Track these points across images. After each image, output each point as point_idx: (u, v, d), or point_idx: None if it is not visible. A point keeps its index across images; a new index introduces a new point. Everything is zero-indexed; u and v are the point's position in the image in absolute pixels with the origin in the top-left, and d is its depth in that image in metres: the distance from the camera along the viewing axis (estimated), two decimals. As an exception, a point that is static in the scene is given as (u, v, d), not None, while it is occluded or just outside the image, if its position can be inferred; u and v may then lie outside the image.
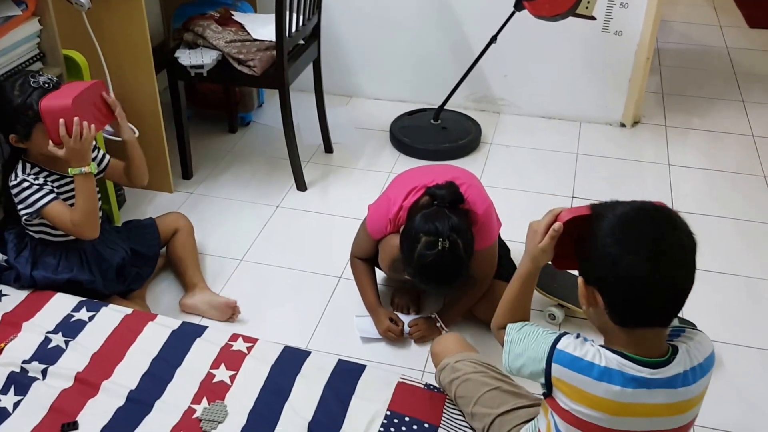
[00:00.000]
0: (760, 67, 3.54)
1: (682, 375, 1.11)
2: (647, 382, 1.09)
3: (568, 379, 1.14)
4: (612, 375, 1.10)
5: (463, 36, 2.90)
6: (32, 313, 1.72)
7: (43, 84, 1.67)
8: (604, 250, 1.07)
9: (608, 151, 2.80)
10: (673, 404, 1.11)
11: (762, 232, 2.35)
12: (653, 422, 1.12)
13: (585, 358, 1.12)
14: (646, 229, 1.07)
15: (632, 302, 1.07)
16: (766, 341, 1.91)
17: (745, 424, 1.67)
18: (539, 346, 1.19)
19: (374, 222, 1.83)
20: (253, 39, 2.35)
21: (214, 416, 1.48)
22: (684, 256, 1.06)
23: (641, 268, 1.04)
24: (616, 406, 1.10)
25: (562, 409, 1.17)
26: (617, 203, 1.13)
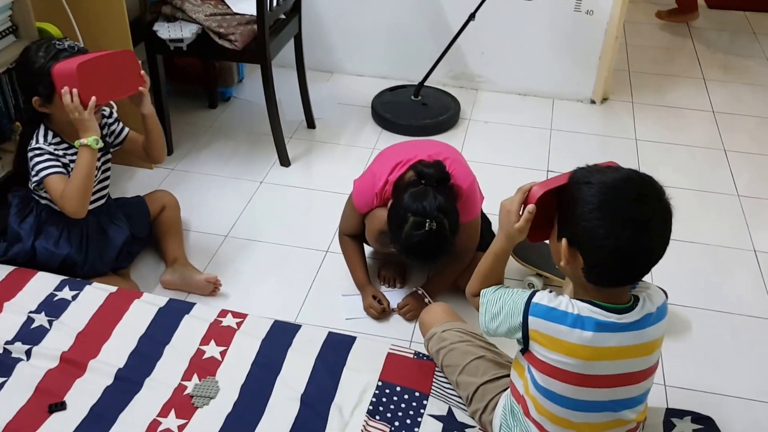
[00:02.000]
0: (719, 46, 3.54)
1: (644, 318, 1.14)
2: (616, 326, 1.12)
3: (545, 330, 1.14)
4: (584, 322, 1.11)
5: (441, 14, 2.82)
6: (13, 293, 1.61)
7: (69, 48, 1.58)
8: (591, 220, 1.06)
9: (579, 126, 2.77)
10: (638, 346, 1.14)
11: (723, 202, 2.35)
12: (622, 365, 1.15)
13: (559, 308, 1.13)
14: (634, 201, 1.06)
15: (611, 268, 1.09)
16: (728, 305, 1.92)
17: (712, 384, 1.68)
18: (515, 303, 1.19)
19: (360, 196, 1.76)
20: (233, 13, 2.22)
21: (205, 392, 1.42)
22: (665, 228, 1.08)
23: (627, 239, 1.05)
24: (590, 351, 1.12)
25: (539, 360, 1.16)
26: (603, 170, 1.11)
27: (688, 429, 1.39)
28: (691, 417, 1.41)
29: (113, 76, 1.63)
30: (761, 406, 1.62)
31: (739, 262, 2.08)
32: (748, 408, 1.61)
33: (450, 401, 1.43)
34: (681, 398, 1.62)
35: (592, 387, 1.15)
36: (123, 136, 1.82)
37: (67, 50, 1.58)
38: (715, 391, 1.64)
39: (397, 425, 1.36)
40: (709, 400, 1.61)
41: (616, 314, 1.12)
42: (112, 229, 1.79)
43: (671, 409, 1.44)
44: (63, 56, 1.56)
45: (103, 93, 1.59)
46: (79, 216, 1.64)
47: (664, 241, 1.08)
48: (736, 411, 1.60)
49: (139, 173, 2.34)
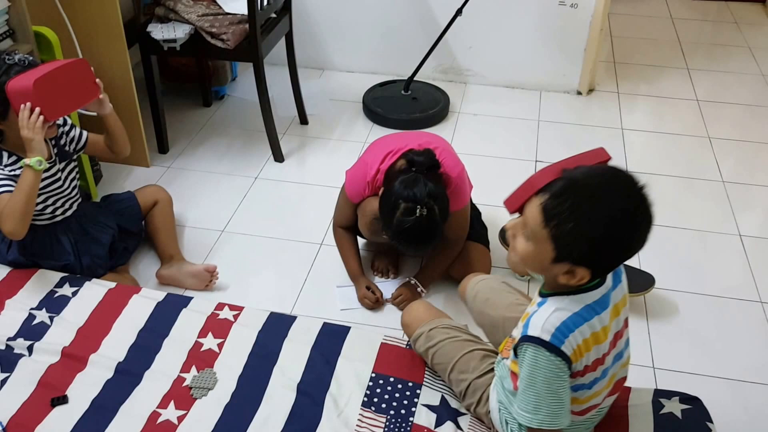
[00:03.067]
0: (702, 36, 3.54)
1: (614, 278, 1.16)
2: (605, 298, 1.13)
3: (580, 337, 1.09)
4: (590, 310, 1.11)
5: (429, 9, 2.82)
6: (14, 291, 1.60)
7: (19, 61, 1.51)
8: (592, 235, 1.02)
9: (567, 117, 2.77)
10: (623, 296, 1.18)
11: (707, 188, 2.36)
12: (620, 319, 1.17)
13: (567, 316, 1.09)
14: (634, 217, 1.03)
15: (611, 266, 1.10)
16: (715, 288, 1.93)
17: (699, 365, 1.69)
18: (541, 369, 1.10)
19: (352, 185, 1.77)
20: (225, 13, 2.21)
21: (204, 383, 1.42)
22: (651, 223, 1.05)
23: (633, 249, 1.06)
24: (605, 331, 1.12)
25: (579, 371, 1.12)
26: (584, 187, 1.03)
27: (676, 409, 1.39)
28: (679, 397, 1.41)
29: (69, 87, 1.55)
30: (747, 386, 1.63)
31: (724, 246, 2.09)
32: (734, 388, 1.63)
33: (443, 390, 1.43)
34: (669, 380, 1.63)
35: (606, 356, 1.15)
36: (83, 141, 1.76)
37: (18, 64, 1.49)
38: (703, 373, 1.66)
39: (392, 414, 1.36)
40: (696, 381, 1.63)
41: (599, 288, 1.12)
42: (95, 228, 1.77)
43: (659, 390, 1.44)
44: (14, 71, 1.48)
45: (61, 106, 1.53)
46: (16, 237, 1.54)
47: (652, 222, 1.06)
48: (723, 391, 1.61)
49: (135, 171, 2.33)
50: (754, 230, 2.15)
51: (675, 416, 1.37)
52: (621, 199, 1.03)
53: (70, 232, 1.72)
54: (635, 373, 1.64)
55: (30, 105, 1.47)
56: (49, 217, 1.69)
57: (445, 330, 1.44)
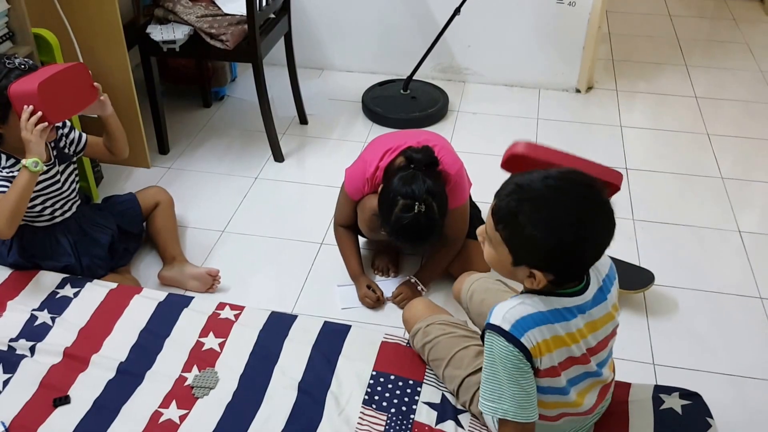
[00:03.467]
0: (700, 33, 3.54)
1: (601, 288, 1.16)
2: (578, 308, 1.13)
3: (540, 336, 1.10)
4: (558, 314, 1.11)
5: (427, 9, 2.82)
6: (16, 292, 1.61)
7: (19, 66, 1.51)
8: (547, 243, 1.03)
9: (565, 115, 2.77)
10: (605, 315, 1.17)
11: (706, 185, 2.36)
12: (599, 335, 1.17)
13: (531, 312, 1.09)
14: (586, 216, 1.03)
15: (576, 269, 1.09)
16: (714, 284, 1.93)
17: (699, 362, 1.69)
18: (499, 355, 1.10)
19: (352, 182, 1.77)
20: (224, 13, 2.22)
21: (205, 383, 1.42)
22: (611, 221, 1.05)
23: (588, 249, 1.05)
24: (572, 337, 1.13)
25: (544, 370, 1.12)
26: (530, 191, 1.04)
27: (676, 405, 1.39)
28: (679, 393, 1.42)
29: (70, 90, 1.56)
30: (747, 381, 1.63)
31: (724, 243, 2.09)
32: (734, 384, 1.63)
33: (444, 388, 1.43)
34: (669, 376, 1.63)
35: (579, 364, 1.17)
36: (83, 143, 1.76)
37: (18, 68, 1.50)
38: (703, 369, 1.66)
39: (393, 412, 1.36)
40: (696, 377, 1.63)
41: (577, 296, 1.12)
42: (94, 230, 1.77)
43: (659, 386, 1.45)
44: (14, 75, 1.49)
45: (64, 109, 1.54)
46: (4, 236, 1.53)
47: (612, 231, 1.06)
48: (722, 387, 1.61)
49: (136, 172, 2.33)
50: (754, 227, 2.15)
51: (675, 412, 1.37)
52: (570, 204, 1.02)
53: (69, 233, 1.72)
54: (635, 369, 1.65)
55: (32, 108, 1.47)
56: (48, 218, 1.70)
57: (441, 326, 1.45)
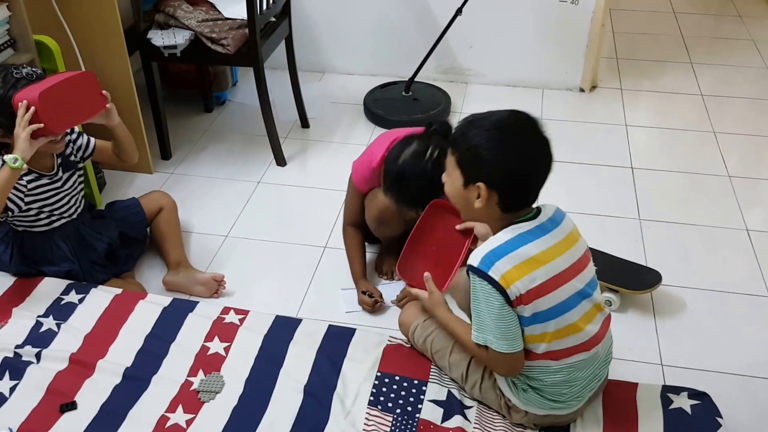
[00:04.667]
0: (705, 30, 3.55)
1: (552, 217, 1.29)
2: (539, 228, 1.25)
3: (511, 263, 1.21)
4: (521, 238, 1.23)
5: (428, 9, 2.84)
6: (21, 299, 1.63)
7: (27, 75, 1.54)
8: (498, 158, 1.19)
9: (570, 115, 2.79)
10: (567, 238, 1.28)
11: (713, 184, 2.37)
12: (568, 255, 1.27)
13: (501, 243, 1.23)
14: (528, 134, 1.22)
15: (522, 192, 1.24)
16: (722, 284, 1.93)
17: (707, 361, 1.69)
18: (480, 293, 1.24)
19: (358, 173, 1.80)
20: (224, 18, 2.24)
21: (211, 387, 1.44)
22: (550, 150, 1.22)
23: (526, 167, 1.21)
24: (546, 254, 1.24)
25: (523, 295, 1.21)
26: (481, 116, 1.24)
27: (685, 404, 1.41)
28: (687, 393, 1.43)
29: (76, 99, 1.58)
30: (756, 381, 1.64)
31: (731, 242, 2.09)
32: (743, 383, 1.63)
33: (449, 385, 1.45)
34: (677, 376, 1.64)
35: (564, 283, 1.25)
36: (91, 148, 1.79)
37: (25, 78, 1.53)
38: (711, 369, 1.66)
39: (399, 413, 1.38)
40: (704, 377, 1.63)
41: (533, 220, 1.26)
42: (91, 237, 1.80)
43: (668, 386, 1.46)
44: (22, 85, 1.52)
45: (68, 118, 1.56)
46: None
47: (550, 161, 1.23)
48: (731, 387, 1.61)
49: (138, 178, 2.36)
50: (762, 225, 2.16)
51: (684, 411, 1.39)
52: (503, 117, 1.22)
53: (67, 238, 1.75)
54: (643, 369, 1.66)
55: (26, 103, 1.49)
56: (46, 223, 1.72)
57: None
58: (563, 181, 2.23)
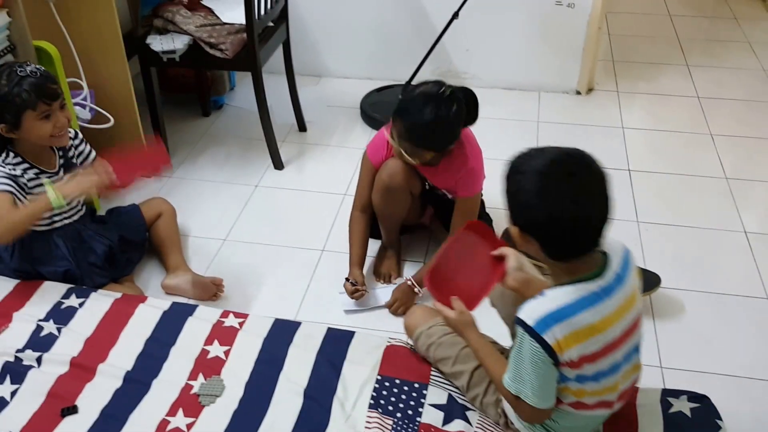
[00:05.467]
0: (700, 32, 3.58)
1: (620, 272, 1.18)
2: (604, 291, 1.15)
3: (568, 330, 1.13)
4: (583, 302, 1.14)
5: (425, 13, 2.86)
6: (22, 303, 1.64)
7: (31, 72, 1.59)
8: (533, 205, 1.11)
9: (566, 117, 2.81)
10: (625, 302, 1.18)
11: (710, 186, 2.39)
12: (625, 320, 1.19)
13: (561, 306, 1.13)
14: (565, 179, 1.11)
15: (563, 240, 1.13)
16: (720, 286, 1.95)
17: (707, 364, 1.70)
18: (525, 351, 1.17)
19: (373, 147, 1.85)
20: (222, 23, 2.27)
21: (211, 390, 1.45)
22: (600, 193, 1.11)
23: (566, 212, 1.09)
24: (603, 323, 1.15)
25: (571, 361, 1.16)
26: (533, 155, 1.15)
27: (685, 408, 1.41)
28: (687, 396, 1.43)
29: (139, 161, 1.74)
30: (756, 383, 1.65)
31: (729, 244, 2.11)
32: (742, 385, 1.64)
33: (450, 389, 1.46)
34: (677, 379, 1.64)
35: (615, 350, 1.19)
36: (90, 159, 1.82)
37: (30, 75, 1.57)
38: (710, 371, 1.67)
39: (399, 416, 1.39)
40: (704, 379, 1.64)
41: (597, 281, 1.15)
42: (91, 239, 1.82)
43: (667, 390, 1.47)
44: (27, 82, 1.56)
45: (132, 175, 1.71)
46: (2, 242, 1.66)
47: (603, 205, 1.12)
48: (731, 389, 1.62)
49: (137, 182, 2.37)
50: (759, 227, 2.17)
51: (684, 415, 1.39)
52: (565, 169, 1.11)
53: (67, 239, 1.77)
54: (643, 372, 1.65)
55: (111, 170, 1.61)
56: (47, 223, 1.74)
57: (443, 327, 1.49)
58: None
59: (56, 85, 1.64)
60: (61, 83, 1.90)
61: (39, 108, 1.59)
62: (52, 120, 1.62)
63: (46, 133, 1.62)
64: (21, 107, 1.57)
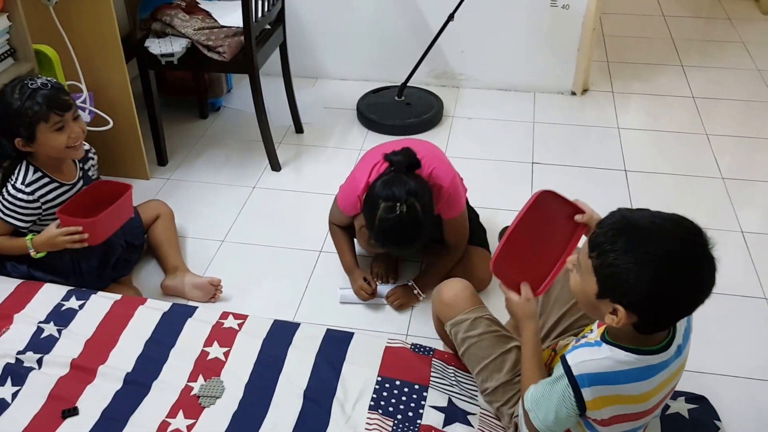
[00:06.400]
0: (695, 33, 3.60)
1: (681, 343, 1.14)
2: (661, 365, 1.10)
3: (604, 393, 1.10)
4: (637, 373, 1.09)
5: (421, 15, 2.88)
6: (22, 305, 1.65)
7: (42, 85, 1.61)
8: (645, 290, 1.02)
9: (562, 118, 2.82)
10: (674, 374, 1.15)
11: (707, 186, 2.40)
12: (667, 388, 1.16)
13: (607, 370, 1.09)
14: (685, 270, 1.03)
15: (667, 318, 1.07)
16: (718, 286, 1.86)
17: (705, 364, 1.71)
18: (558, 393, 1.15)
19: (344, 200, 1.82)
20: (220, 26, 2.28)
21: (211, 392, 1.46)
22: (712, 274, 1.05)
23: (680, 296, 1.03)
24: (648, 394, 1.12)
25: (599, 417, 1.14)
26: (633, 223, 1.05)
27: (683, 409, 1.41)
28: (685, 397, 1.43)
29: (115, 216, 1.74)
30: (753, 383, 1.65)
31: (726, 243, 2.11)
32: (741, 386, 1.64)
33: (450, 392, 1.47)
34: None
35: (648, 416, 1.17)
36: (95, 177, 1.88)
37: (41, 88, 1.60)
38: (709, 371, 1.67)
39: (400, 418, 1.39)
40: (702, 380, 1.64)
41: (661, 353, 1.10)
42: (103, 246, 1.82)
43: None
44: (39, 94, 1.59)
45: (106, 232, 1.74)
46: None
47: (711, 287, 1.06)
48: (729, 389, 1.63)
49: (136, 184, 2.31)
50: (756, 226, 2.18)
51: (682, 416, 1.39)
52: (670, 242, 1.02)
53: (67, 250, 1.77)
54: None
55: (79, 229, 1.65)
56: None
57: (488, 322, 1.43)
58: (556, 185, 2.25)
59: (68, 97, 1.66)
60: (60, 86, 1.92)
61: (51, 119, 1.61)
62: (66, 131, 1.64)
63: (61, 144, 1.64)
64: (34, 120, 1.59)
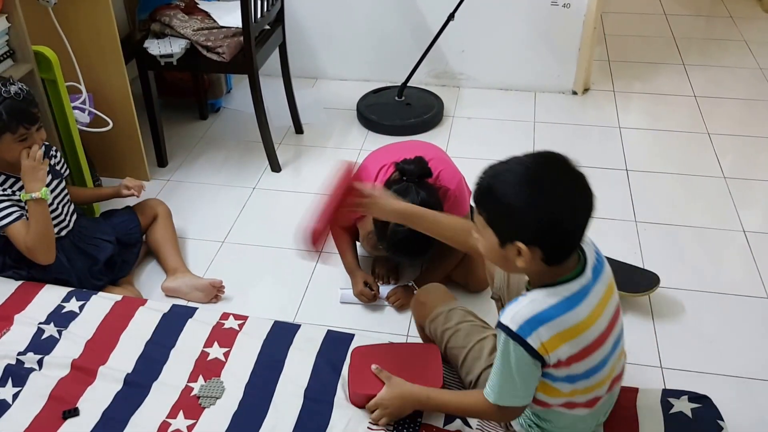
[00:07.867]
0: (696, 31, 3.61)
1: (596, 265, 1.18)
2: (586, 288, 1.15)
3: (554, 330, 1.13)
4: (567, 302, 1.14)
5: (421, 15, 2.88)
6: (23, 306, 1.66)
7: (15, 94, 1.61)
8: (528, 213, 1.09)
9: (563, 117, 2.83)
10: (605, 293, 1.19)
11: (708, 185, 2.40)
12: (608, 311, 1.20)
13: (543, 308, 1.13)
14: (552, 181, 1.10)
15: (567, 241, 1.13)
16: (720, 286, 1.96)
17: (707, 364, 1.71)
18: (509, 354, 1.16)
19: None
20: (219, 26, 2.29)
21: (211, 392, 1.47)
22: (586, 189, 1.12)
23: (563, 213, 1.09)
24: (589, 318, 1.15)
25: (560, 361, 1.16)
26: (506, 170, 1.12)
27: (686, 408, 1.41)
28: (687, 396, 1.43)
29: None
30: (756, 383, 1.65)
31: (728, 243, 2.12)
32: (743, 385, 1.64)
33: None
34: (677, 379, 1.65)
35: (603, 343, 1.19)
36: (66, 172, 1.88)
37: (14, 97, 1.60)
38: (711, 371, 1.68)
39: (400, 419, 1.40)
40: (705, 380, 1.65)
41: (578, 280, 1.15)
42: (91, 248, 1.84)
43: (668, 390, 1.47)
44: (9, 105, 1.59)
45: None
46: (49, 261, 1.71)
47: (591, 198, 1.13)
48: (732, 389, 1.63)
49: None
50: (758, 226, 2.18)
51: (685, 415, 1.39)
52: (530, 167, 1.10)
53: (63, 249, 1.79)
54: (643, 373, 1.66)
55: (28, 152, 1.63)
56: None
57: (462, 312, 1.48)
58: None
59: (37, 109, 1.67)
60: (60, 87, 1.93)
61: (18, 131, 1.63)
62: (29, 142, 1.66)
63: (18, 153, 1.65)
64: (1, 129, 1.60)
